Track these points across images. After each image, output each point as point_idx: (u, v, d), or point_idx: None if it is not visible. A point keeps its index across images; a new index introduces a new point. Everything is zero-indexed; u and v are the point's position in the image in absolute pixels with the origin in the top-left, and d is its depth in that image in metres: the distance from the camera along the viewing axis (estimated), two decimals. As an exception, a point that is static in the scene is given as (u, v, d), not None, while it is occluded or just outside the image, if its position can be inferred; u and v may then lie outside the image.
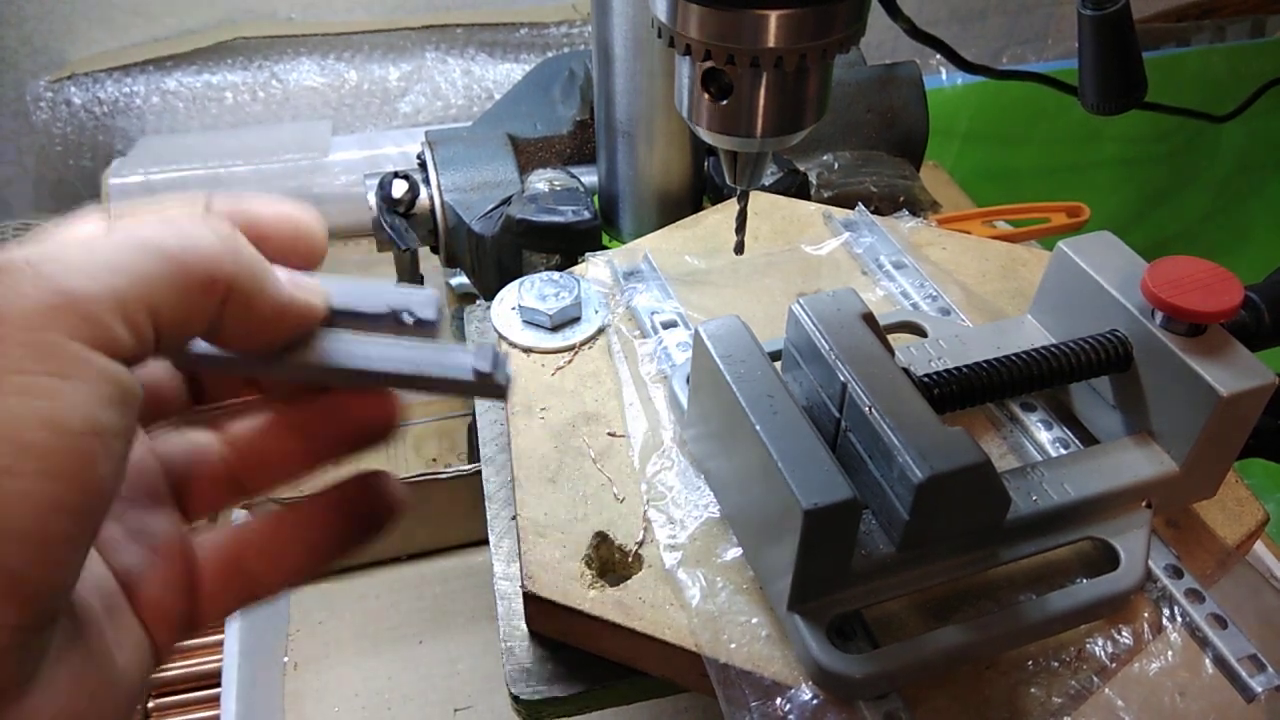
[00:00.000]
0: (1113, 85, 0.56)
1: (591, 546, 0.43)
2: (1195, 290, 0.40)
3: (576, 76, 0.82)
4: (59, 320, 0.22)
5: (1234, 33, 1.48)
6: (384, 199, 0.75)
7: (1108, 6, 0.53)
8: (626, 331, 0.55)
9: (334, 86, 1.16)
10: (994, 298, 0.58)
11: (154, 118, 1.13)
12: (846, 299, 0.43)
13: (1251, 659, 0.39)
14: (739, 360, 0.41)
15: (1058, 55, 1.47)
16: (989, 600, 0.41)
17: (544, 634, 0.45)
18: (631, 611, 0.41)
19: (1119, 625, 0.41)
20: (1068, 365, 0.44)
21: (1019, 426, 0.48)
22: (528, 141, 0.80)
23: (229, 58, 1.14)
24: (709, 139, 0.40)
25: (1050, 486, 0.42)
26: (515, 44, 1.20)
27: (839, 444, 0.41)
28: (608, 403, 0.51)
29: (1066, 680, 0.39)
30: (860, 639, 0.39)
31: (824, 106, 0.40)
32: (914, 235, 0.62)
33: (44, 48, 1.11)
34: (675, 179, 0.74)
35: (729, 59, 0.36)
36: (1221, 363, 0.40)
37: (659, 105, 0.68)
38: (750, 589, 0.41)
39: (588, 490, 0.46)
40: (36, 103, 1.09)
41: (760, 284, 0.59)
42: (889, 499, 0.37)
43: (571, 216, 0.71)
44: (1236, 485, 0.47)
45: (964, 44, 1.37)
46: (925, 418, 0.37)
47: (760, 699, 0.38)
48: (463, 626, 0.81)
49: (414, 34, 1.17)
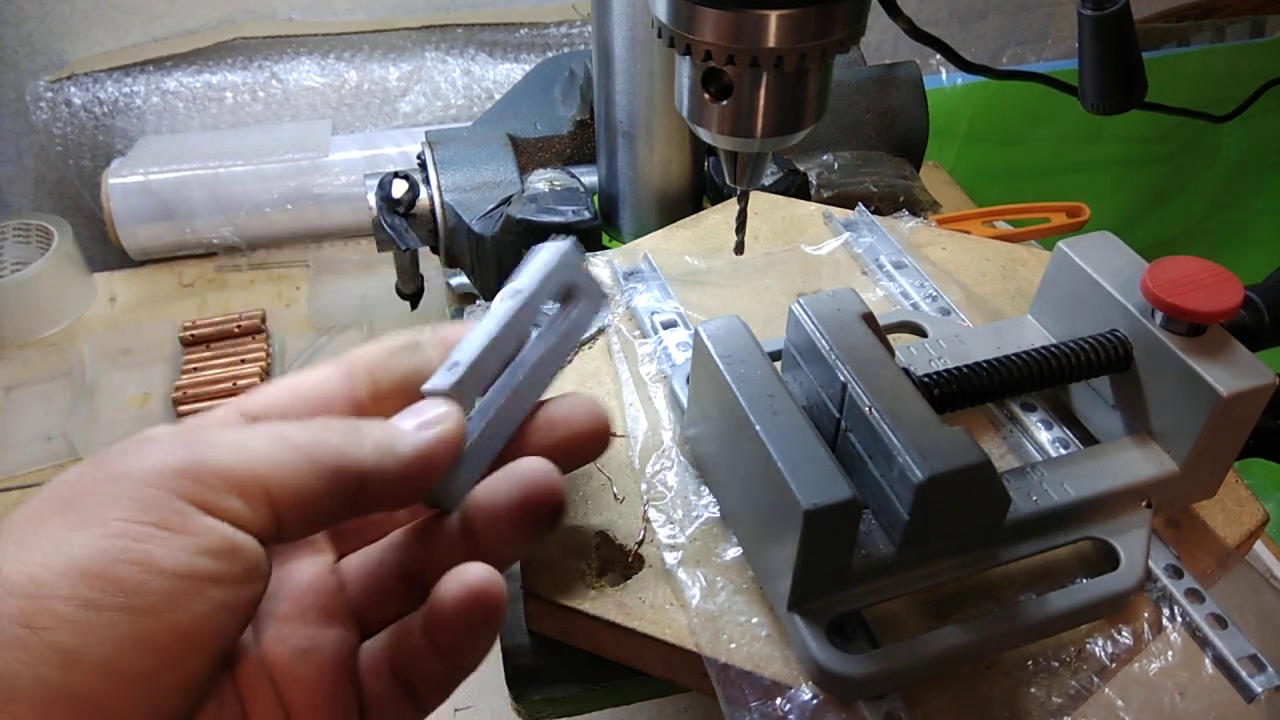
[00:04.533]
0: (1113, 85, 0.56)
1: (591, 546, 0.43)
2: (1195, 290, 0.40)
3: (576, 76, 0.82)
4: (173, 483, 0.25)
5: (1234, 33, 1.47)
6: (384, 199, 0.75)
7: (1108, 6, 0.53)
8: (626, 331, 0.55)
9: (334, 86, 1.16)
10: (994, 298, 0.58)
11: (154, 118, 1.12)
12: (846, 299, 0.43)
13: (1251, 659, 0.39)
14: (739, 360, 0.41)
15: (1058, 55, 1.47)
16: (989, 600, 0.41)
17: (544, 634, 0.45)
18: (631, 611, 0.41)
19: (1119, 625, 0.41)
20: (1068, 365, 0.44)
21: (1019, 426, 0.48)
22: (528, 141, 0.80)
23: (229, 58, 1.14)
24: (709, 139, 0.40)
25: (1050, 486, 0.42)
26: (515, 44, 1.20)
27: (839, 444, 0.41)
28: (608, 403, 0.51)
29: (1066, 680, 0.39)
30: (860, 639, 0.39)
31: (824, 106, 0.40)
32: (914, 235, 0.62)
33: (44, 48, 1.11)
34: (675, 179, 0.74)
35: (729, 59, 0.36)
36: (1221, 363, 0.40)
37: (659, 105, 0.68)
38: (750, 589, 0.41)
39: (588, 490, 0.46)
40: (36, 103, 1.09)
41: (760, 284, 0.59)
42: (889, 499, 0.37)
43: (571, 216, 0.71)
44: (1236, 485, 0.47)
45: (964, 44, 1.37)
46: (925, 418, 0.37)
47: (760, 699, 0.38)
48: (463, 626, 0.81)
49: (414, 34, 1.17)
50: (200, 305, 1.05)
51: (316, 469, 0.28)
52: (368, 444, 0.30)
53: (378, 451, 0.30)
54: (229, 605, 0.26)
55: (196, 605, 0.25)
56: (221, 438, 0.28)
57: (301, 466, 0.28)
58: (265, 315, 0.99)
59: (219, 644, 0.26)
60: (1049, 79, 0.67)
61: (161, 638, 0.24)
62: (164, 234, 1.07)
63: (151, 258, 1.10)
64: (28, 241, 1.04)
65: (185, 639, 0.25)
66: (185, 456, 0.26)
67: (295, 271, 1.09)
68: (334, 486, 0.29)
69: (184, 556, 0.25)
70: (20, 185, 1.20)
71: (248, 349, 0.95)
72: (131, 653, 0.23)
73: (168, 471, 0.26)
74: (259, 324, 0.98)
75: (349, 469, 0.29)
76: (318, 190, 1.07)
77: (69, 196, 1.19)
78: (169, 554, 0.24)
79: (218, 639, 0.26)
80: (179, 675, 0.25)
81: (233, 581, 0.26)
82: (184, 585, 0.24)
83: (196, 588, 0.25)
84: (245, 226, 1.08)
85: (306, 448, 0.28)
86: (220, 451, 0.27)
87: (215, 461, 0.27)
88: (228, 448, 0.27)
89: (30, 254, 1.03)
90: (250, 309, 1.00)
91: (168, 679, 0.24)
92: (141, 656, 0.24)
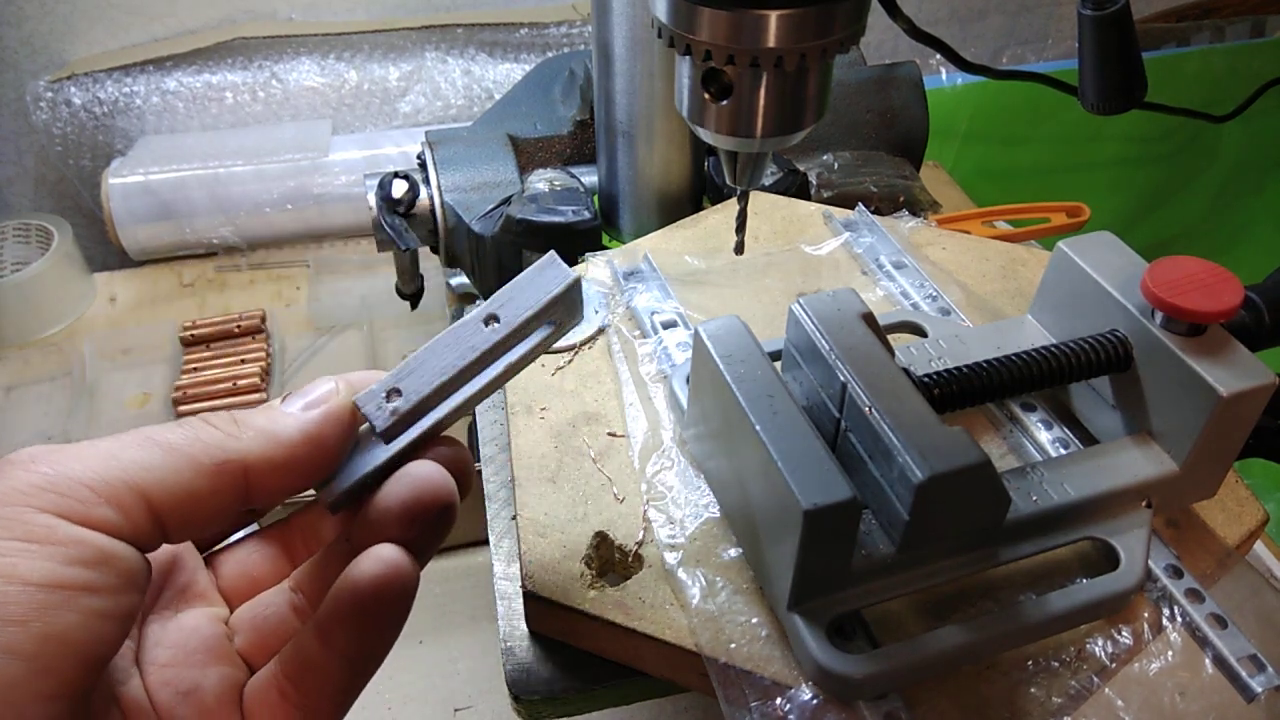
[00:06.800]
0: (1113, 85, 0.56)
1: (591, 546, 0.43)
2: (1195, 290, 0.40)
3: (576, 76, 0.82)
4: (35, 499, 0.26)
5: (1234, 33, 1.47)
6: (384, 199, 0.75)
7: (1108, 6, 0.53)
8: (626, 331, 0.55)
9: (334, 86, 1.16)
10: (994, 298, 0.58)
11: (154, 118, 1.13)
12: (846, 299, 0.43)
13: (1251, 659, 0.39)
14: (739, 360, 0.41)
15: (1058, 55, 1.47)
16: (989, 600, 0.41)
17: (544, 634, 0.45)
18: (631, 611, 0.41)
19: (1119, 625, 0.41)
20: (1068, 365, 0.44)
21: (1019, 426, 0.48)
22: (528, 141, 0.80)
23: (229, 58, 1.14)
24: (709, 139, 0.40)
25: (1050, 486, 0.42)
26: (515, 44, 1.20)
27: (839, 444, 0.41)
28: (608, 403, 0.51)
29: (1066, 680, 0.39)
30: (860, 639, 0.39)
31: (824, 106, 0.40)
32: (914, 235, 0.62)
33: (44, 48, 1.11)
34: (675, 179, 0.74)
35: (729, 59, 0.36)
36: (1221, 363, 0.40)
37: (659, 105, 0.68)
38: (750, 589, 0.41)
39: (588, 490, 0.46)
40: (36, 103, 1.09)
41: (760, 284, 0.59)
42: (889, 499, 0.37)
43: (571, 216, 0.71)
44: (1236, 485, 0.47)
45: (964, 44, 1.37)
46: (925, 418, 0.37)
47: (760, 699, 0.38)
48: (463, 626, 0.81)
49: (414, 34, 1.17)
50: (200, 305, 1.05)
51: (195, 467, 0.28)
52: (248, 433, 0.30)
53: (261, 439, 0.30)
54: (105, 613, 0.26)
55: (66, 614, 0.25)
56: (90, 450, 0.28)
57: (178, 466, 0.28)
58: (265, 315, 0.99)
59: (95, 650, 0.26)
60: (1049, 79, 0.67)
61: (29, 646, 0.24)
62: (164, 234, 1.07)
63: (151, 258, 1.10)
64: (28, 241, 1.04)
65: (56, 646, 0.25)
66: (48, 472, 0.27)
67: (295, 271, 1.09)
68: (217, 482, 0.29)
69: (50, 566, 0.25)
70: (20, 185, 1.20)
71: (248, 349, 0.95)
72: (2, 662, 0.24)
73: (28, 489, 0.26)
74: (259, 324, 0.98)
75: (231, 461, 0.29)
76: (318, 190, 1.07)
77: (69, 196, 1.19)
78: (34, 565, 0.25)
79: (93, 646, 0.26)
80: (53, 682, 0.25)
81: (108, 590, 0.26)
82: (52, 596, 0.25)
83: (66, 598, 0.25)
84: (245, 226, 1.08)
85: (181, 447, 0.29)
86: (88, 463, 0.27)
87: (83, 474, 0.27)
88: (96, 458, 0.27)
89: (30, 254, 1.03)
90: (250, 309, 1.00)
91: (41, 686, 0.24)
92: (8, 664, 0.24)
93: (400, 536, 0.31)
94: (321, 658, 0.30)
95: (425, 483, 0.32)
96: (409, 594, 0.31)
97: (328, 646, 0.30)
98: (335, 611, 0.30)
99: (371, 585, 0.30)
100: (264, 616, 0.33)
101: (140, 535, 0.28)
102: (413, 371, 0.33)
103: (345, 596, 0.30)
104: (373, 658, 0.31)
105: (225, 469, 0.29)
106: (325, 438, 0.31)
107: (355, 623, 0.30)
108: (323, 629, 0.30)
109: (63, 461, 0.27)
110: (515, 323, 0.34)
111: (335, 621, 0.30)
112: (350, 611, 0.30)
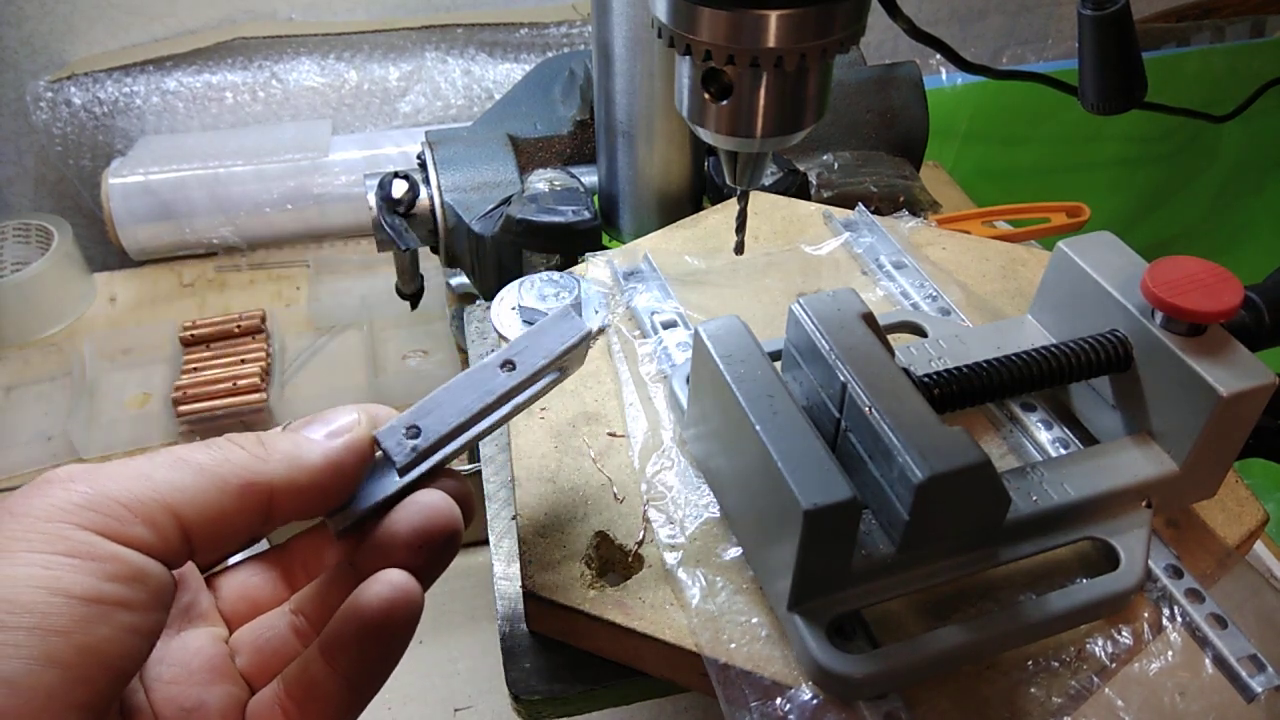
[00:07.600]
0: (1113, 85, 0.56)
1: (591, 546, 0.43)
2: (1195, 290, 0.40)
3: (576, 76, 0.82)
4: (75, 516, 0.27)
5: (1234, 33, 1.48)
6: (384, 199, 0.75)
7: (1108, 6, 0.53)
8: (626, 331, 0.55)
9: (334, 86, 1.16)
10: (994, 298, 0.58)
11: (154, 118, 1.13)
12: (846, 299, 0.43)
13: (1251, 659, 0.39)
14: (739, 360, 0.41)
15: (1058, 55, 1.47)
16: (989, 600, 0.41)
17: (544, 634, 0.45)
18: (631, 611, 0.41)
19: (1119, 625, 0.41)
20: (1068, 365, 0.44)
21: (1019, 426, 0.48)
22: (528, 141, 0.80)
23: (229, 58, 1.14)
24: (709, 139, 0.40)
25: (1050, 486, 0.42)
26: (515, 44, 1.20)
27: (839, 444, 0.41)
28: (608, 403, 0.51)
29: (1066, 680, 0.39)
30: (860, 639, 0.39)
31: (824, 106, 0.40)
32: (914, 235, 0.62)
33: (44, 48, 1.11)
34: (675, 179, 0.74)
35: (729, 59, 0.36)
36: (1221, 363, 0.40)
37: (659, 105, 0.68)
38: (750, 589, 0.41)
39: (588, 490, 0.46)
40: (36, 103, 1.09)
41: (760, 284, 0.59)
42: (889, 499, 0.37)
43: (571, 216, 0.71)
44: (1236, 485, 0.47)
45: (964, 44, 1.37)
46: (925, 418, 0.37)
47: (760, 699, 0.38)
48: (463, 626, 0.81)
49: (414, 34, 1.17)
50: (200, 305, 1.05)
51: (223, 487, 0.30)
52: (275, 457, 0.31)
53: (286, 463, 0.31)
54: (135, 628, 0.27)
55: (103, 628, 0.26)
56: (124, 469, 0.29)
57: (207, 487, 0.29)
58: (265, 315, 0.99)
59: (126, 664, 0.27)
60: (1049, 79, 0.67)
61: (69, 656, 0.25)
62: (164, 234, 1.07)
63: (151, 258, 1.10)
64: (28, 241, 1.04)
65: (92, 658, 0.25)
66: (86, 491, 0.27)
67: (295, 271, 1.09)
68: (243, 503, 0.30)
69: (91, 581, 0.26)
70: (20, 185, 1.20)
71: (248, 349, 0.95)
72: (38, 669, 0.24)
73: (69, 506, 0.27)
74: (259, 324, 0.98)
75: (257, 484, 0.30)
76: (318, 190, 1.07)
77: (69, 196, 1.19)
78: (76, 580, 0.26)
79: (124, 660, 0.27)
80: (86, 693, 0.25)
81: (141, 606, 0.27)
82: (92, 609, 0.26)
83: (104, 612, 0.26)
84: (245, 226, 1.08)
85: (211, 468, 0.30)
86: (124, 483, 0.28)
87: (119, 493, 0.28)
88: (131, 478, 0.28)
89: (30, 254, 1.03)
90: (250, 309, 1.00)
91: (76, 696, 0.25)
92: (48, 673, 0.24)
93: (407, 562, 0.32)
94: (325, 679, 0.31)
95: (434, 511, 0.33)
96: (415, 618, 0.32)
97: (332, 667, 0.31)
98: (341, 633, 0.31)
99: (380, 608, 0.31)
100: (265, 638, 0.34)
101: (170, 553, 0.29)
102: (430, 412, 0.34)
103: (352, 618, 0.31)
104: (375, 681, 0.32)
105: (251, 490, 0.30)
106: (346, 466, 0.33)
107: (361, 645, 0.31)
108: (328, 650, 0.31)
109: (99, 480, 0.28)
110: (530, 370, 0.36)
111: (341, 643, 0.31)
112: (357, 633, 0.31)
